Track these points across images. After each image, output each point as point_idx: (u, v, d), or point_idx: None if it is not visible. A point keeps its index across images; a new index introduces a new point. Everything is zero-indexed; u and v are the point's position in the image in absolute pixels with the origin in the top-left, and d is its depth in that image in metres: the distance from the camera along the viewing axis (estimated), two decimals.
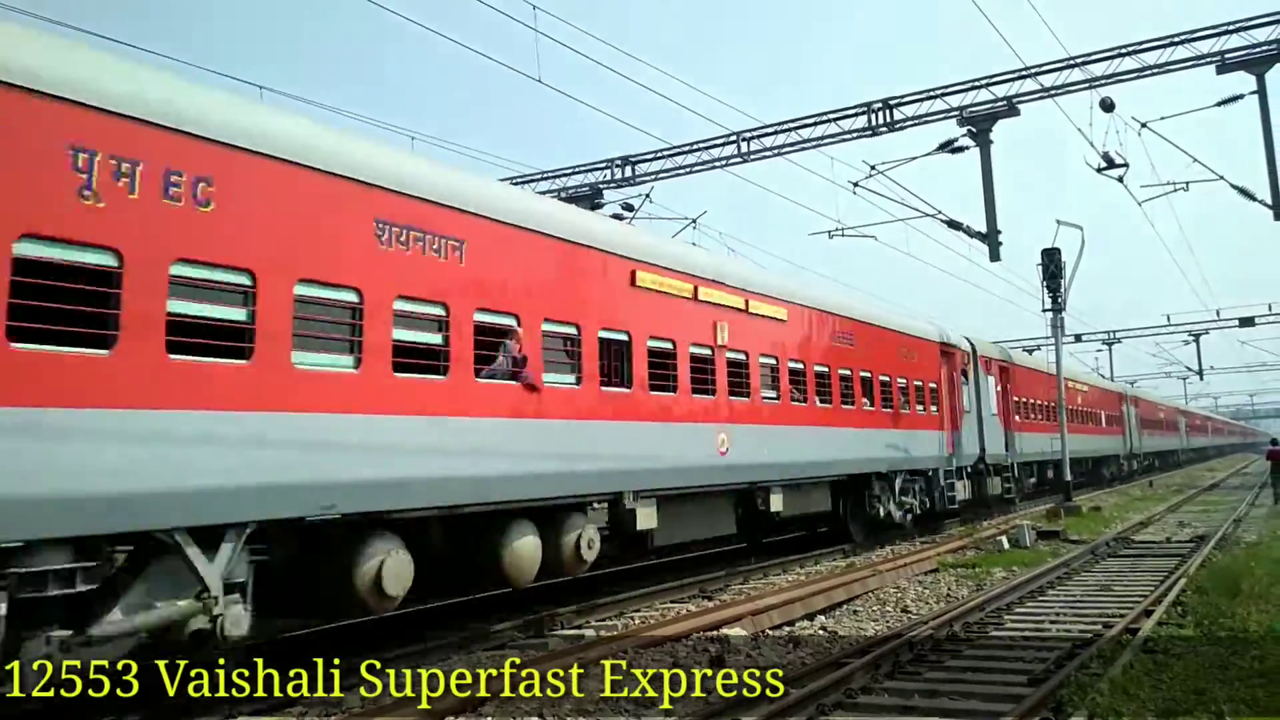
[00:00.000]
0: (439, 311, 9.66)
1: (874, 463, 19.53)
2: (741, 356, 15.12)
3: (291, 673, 9.06)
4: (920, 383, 22.35)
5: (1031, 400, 33.00)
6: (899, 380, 21.10)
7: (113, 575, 7.32)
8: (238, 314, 7.86)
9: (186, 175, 7.40)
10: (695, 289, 14.03)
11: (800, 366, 17.09)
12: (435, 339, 9.67)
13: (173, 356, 7.25)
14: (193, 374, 7.38)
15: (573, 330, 11.58)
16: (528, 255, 10.86)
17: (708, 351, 14.27)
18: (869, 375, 19.61)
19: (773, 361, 16.13)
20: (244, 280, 7.86)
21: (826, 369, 17.99)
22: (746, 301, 15.41)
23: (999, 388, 28.61)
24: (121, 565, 7.47)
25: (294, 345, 8.21)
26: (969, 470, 25.31)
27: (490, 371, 10.26)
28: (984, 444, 26.10)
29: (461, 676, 9.23)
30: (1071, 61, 22.64)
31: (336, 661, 9.53)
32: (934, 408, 22.99)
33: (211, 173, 7.59)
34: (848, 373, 18.73)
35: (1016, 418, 30.22)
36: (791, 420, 16.44)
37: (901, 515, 21.11)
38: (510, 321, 10.57)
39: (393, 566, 9.10)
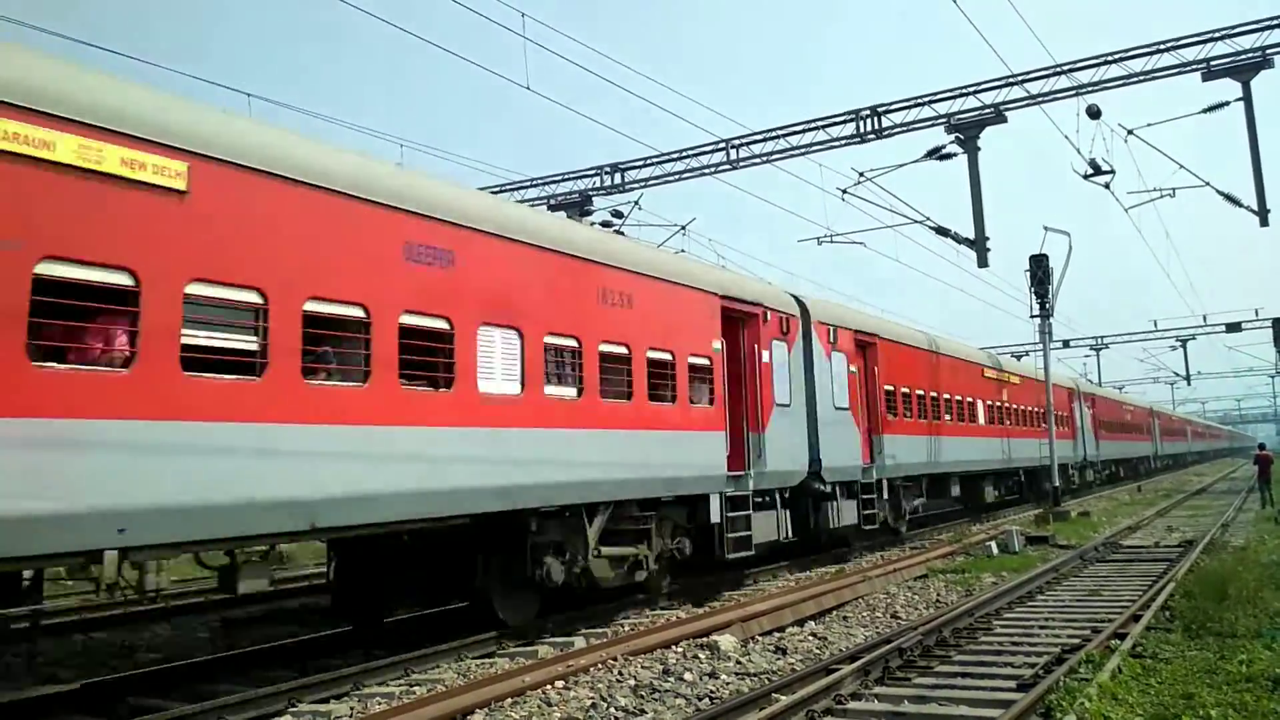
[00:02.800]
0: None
1: (518, 493, 10.76)
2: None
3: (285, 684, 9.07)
4: (668, 355, 13.61)
5: (918, 391, 23.90)
6: (610, 348, 12.52)
7: None
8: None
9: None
10: None
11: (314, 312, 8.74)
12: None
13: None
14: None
15: None
16: None
17: None
18: (514, 336, 10.89)
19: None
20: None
21: (362, 312, 9.15)
22: None
23: (855, 370, 20.03)
24: None
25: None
26: (785, 494, 16.64)
27: None
28: (819, 452, 17.80)
29: (451, 684, 9.24)
30: (1058, 69, 22.75)
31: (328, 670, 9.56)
32: (703, 398, 14.47)
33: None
34: (441, 325, 9.99)
35: (889, 414, 21.62)
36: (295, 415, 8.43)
37: (623, 573, 13.03)
38: None
39: None
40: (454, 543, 11.17)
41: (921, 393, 24.12)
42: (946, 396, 26.00)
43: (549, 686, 9.04)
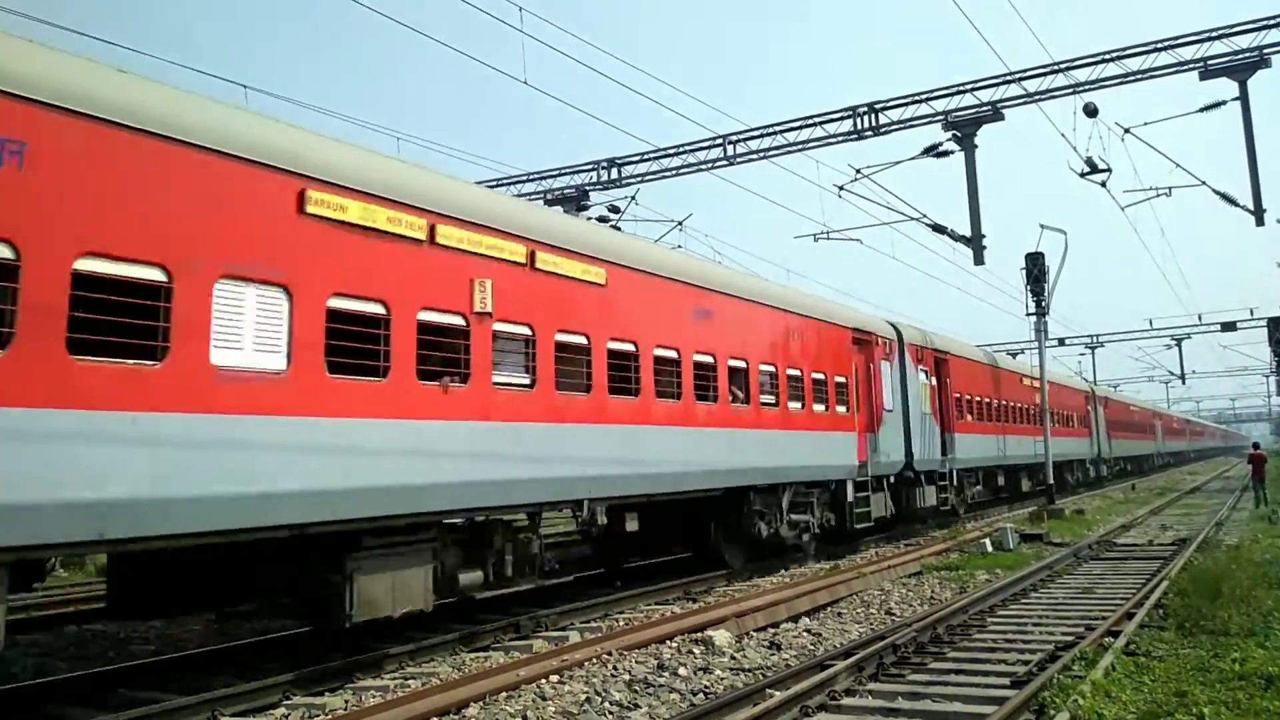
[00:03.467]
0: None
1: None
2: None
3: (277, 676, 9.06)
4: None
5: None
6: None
7: None
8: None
9: None
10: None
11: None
12: None
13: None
14: None
15: None
16: None
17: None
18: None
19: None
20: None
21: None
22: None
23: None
24: None
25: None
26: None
27: None
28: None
29: (446, 678, 9.24)
30: (1056, 67, 22.76)
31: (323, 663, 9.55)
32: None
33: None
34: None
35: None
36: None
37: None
38: None
39: None
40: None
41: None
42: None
43: (543, 680, 9.05)
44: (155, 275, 7.46)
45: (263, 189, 8.36)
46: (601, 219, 25.07)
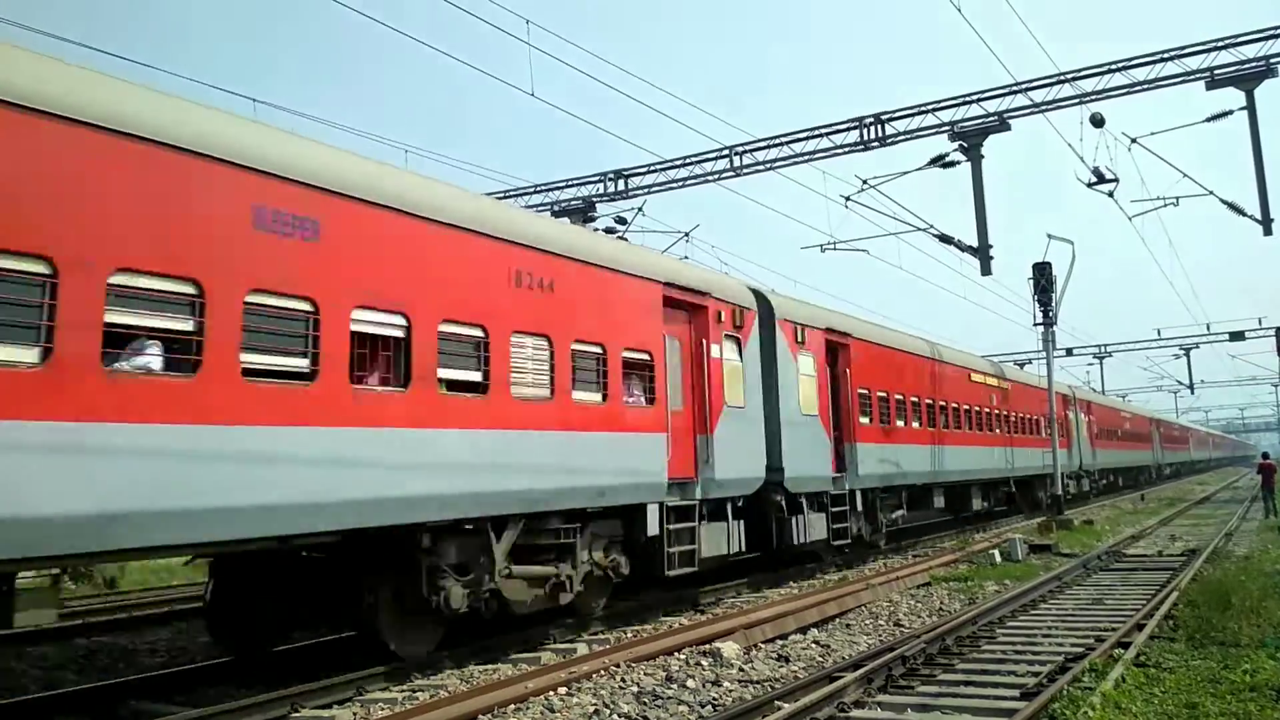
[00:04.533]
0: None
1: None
2: None
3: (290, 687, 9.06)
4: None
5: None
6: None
7: None
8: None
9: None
10: None
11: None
12: None
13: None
14: None
15: None
16: None
17: None
18: (400, 322, 9.49)
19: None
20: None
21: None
22: None
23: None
24: None
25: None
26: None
27: None
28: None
29: (454, 690, 9.24)
30: (1062, 77, 22.80)
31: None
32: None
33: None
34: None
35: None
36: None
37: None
38: None
39: None
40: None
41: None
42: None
43: (552, 693, 9.04)
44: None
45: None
46: (608, 230, 25.12)
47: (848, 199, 25.23)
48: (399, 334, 9.42)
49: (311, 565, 10.15)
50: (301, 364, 8.44)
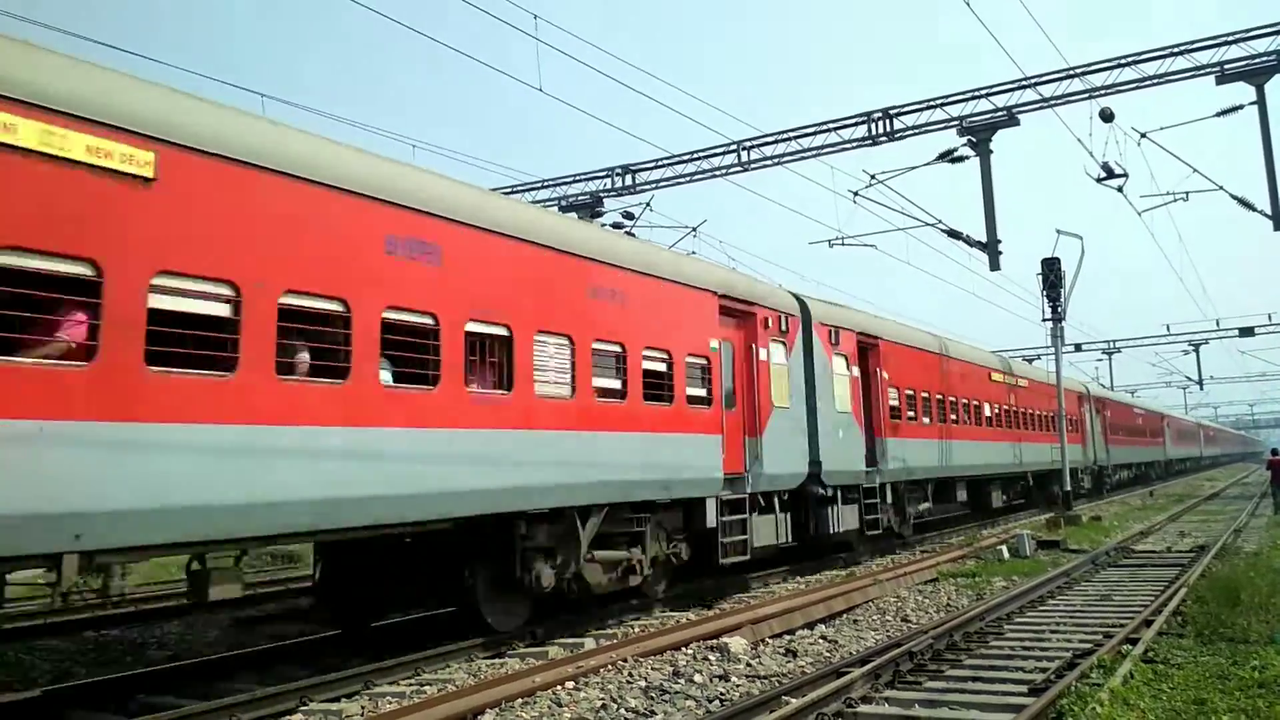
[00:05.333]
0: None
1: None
2: None
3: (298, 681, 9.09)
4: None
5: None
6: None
7: None
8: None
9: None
10: None
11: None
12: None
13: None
14: None
15: None
16: None
17: None
18: (503, 332, 10.58)
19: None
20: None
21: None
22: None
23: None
24: None
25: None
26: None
27: None
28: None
29: (462, 684, 9.25)
30: (1071, 72, 22.70)
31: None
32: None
33: None
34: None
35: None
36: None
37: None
38: None
39: None
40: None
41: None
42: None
43: (559, 687, 9.06)
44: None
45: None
46: (616, 225, 25.12)
47: (856, 194, 25.17)
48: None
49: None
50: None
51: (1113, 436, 47.58)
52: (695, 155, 27.32)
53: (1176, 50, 21.84)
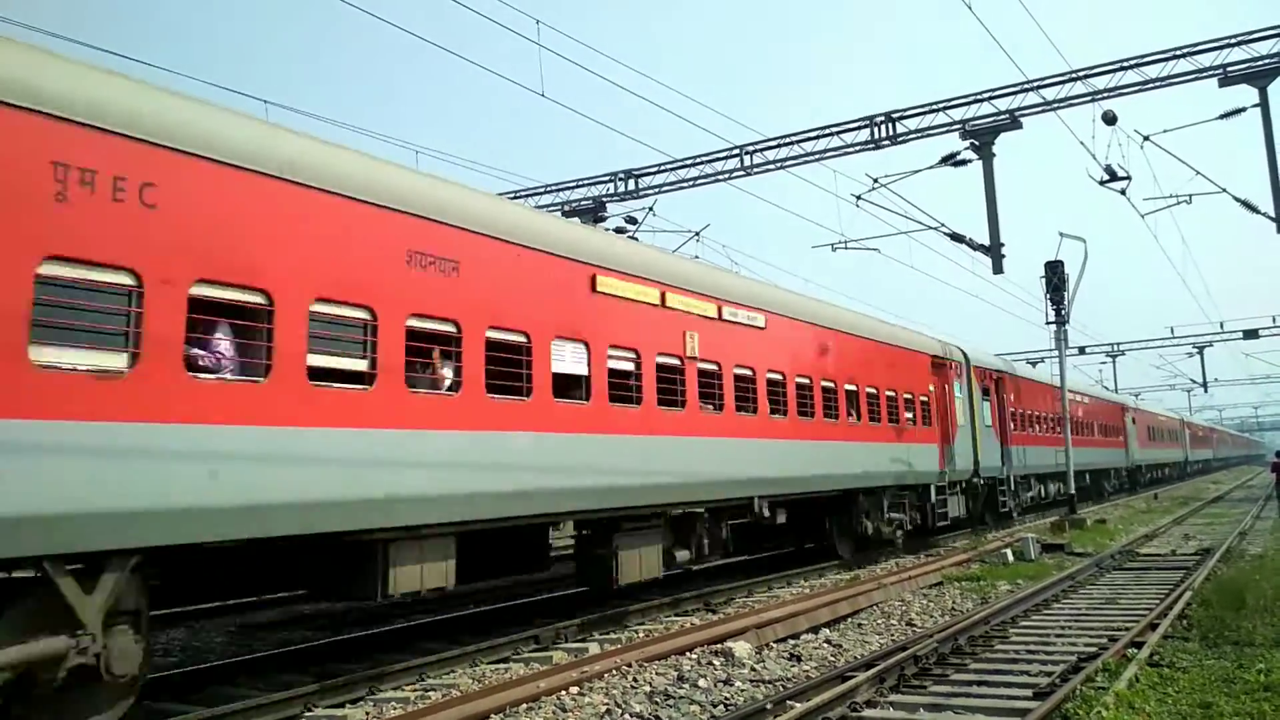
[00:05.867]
0: None
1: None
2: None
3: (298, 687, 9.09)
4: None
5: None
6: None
7: None
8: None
9: None
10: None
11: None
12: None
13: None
14: None
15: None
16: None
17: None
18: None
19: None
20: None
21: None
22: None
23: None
24: None
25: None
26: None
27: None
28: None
29: (466, 689, 9.25)
30: (1074, 75, 22.71)
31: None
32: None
33: None
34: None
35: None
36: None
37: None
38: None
39: None
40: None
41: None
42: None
43: (564, 692, 9.06)
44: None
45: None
46: (619, 229, 25.13)
47: (858, 198, 25.17)
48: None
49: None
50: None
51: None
52: (698, 159, 27.35)
53: (1179, 53, 21.85)
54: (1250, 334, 57.07)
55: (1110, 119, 22.10)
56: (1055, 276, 29.26)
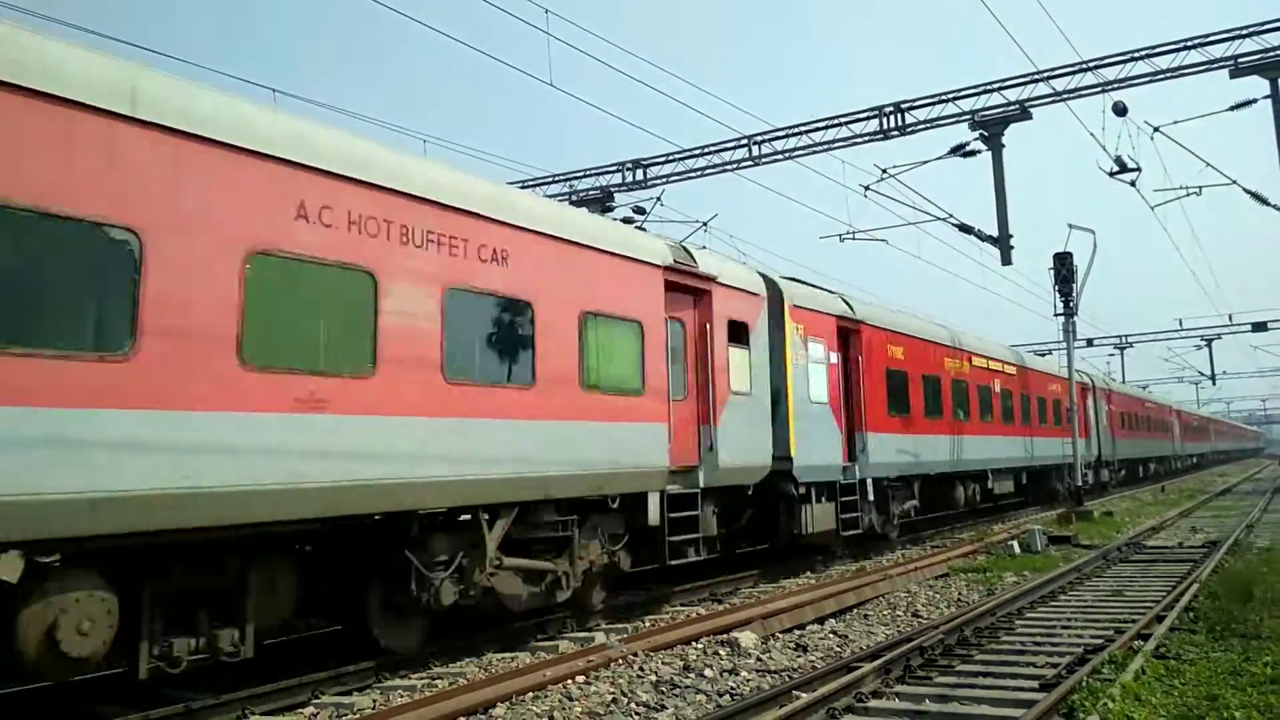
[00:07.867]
0: None
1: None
2: None
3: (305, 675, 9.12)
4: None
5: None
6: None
7: None
8: None
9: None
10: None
11: None
12: None
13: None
14: None
15: None
16: None
17: None
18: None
19: None
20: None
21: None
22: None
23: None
24: None
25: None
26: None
27: None
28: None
29: (473, 678, 9.28)
30: (1084, 65, 22.58)
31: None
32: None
33: None
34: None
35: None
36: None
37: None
38: None
39: None
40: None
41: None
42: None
43: (570, 681, 9.08)
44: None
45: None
46: (626, 220, 25.09)
47: (867, 188, 25.11)
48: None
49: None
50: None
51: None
52: (706, 149, 27.26)
53: (1190, 44, 21.72)
54: (1259, 326, 56.92)
55: (1121, 110, 22.01)
56: (1063, 268, 29.18)
